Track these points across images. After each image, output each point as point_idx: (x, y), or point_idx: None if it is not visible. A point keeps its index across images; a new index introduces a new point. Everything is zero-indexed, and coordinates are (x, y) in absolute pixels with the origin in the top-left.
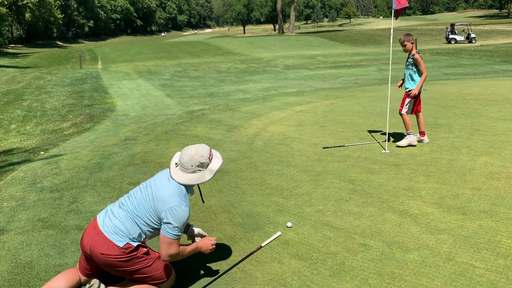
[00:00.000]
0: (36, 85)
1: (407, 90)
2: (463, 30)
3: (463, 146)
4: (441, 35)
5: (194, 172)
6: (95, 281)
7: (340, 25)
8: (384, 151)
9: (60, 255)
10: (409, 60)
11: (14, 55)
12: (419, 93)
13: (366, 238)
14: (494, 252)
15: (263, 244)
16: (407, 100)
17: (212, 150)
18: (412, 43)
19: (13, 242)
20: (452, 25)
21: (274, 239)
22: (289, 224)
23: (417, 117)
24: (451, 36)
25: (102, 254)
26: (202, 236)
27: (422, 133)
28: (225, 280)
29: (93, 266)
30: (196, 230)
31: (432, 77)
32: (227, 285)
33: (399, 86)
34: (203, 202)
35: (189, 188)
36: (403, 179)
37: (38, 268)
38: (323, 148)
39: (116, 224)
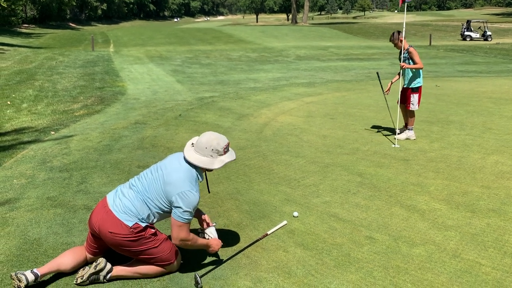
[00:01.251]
0: (48, 65)
1: (405, 86)
2: (479, 28)
3: (474, 144)
4: (456, 31)
5: (205, 155)
6: (101, 260)
7: (354, 18)
8: (394, 145)
9: (68, 234)
10: (404, 55)
11: (27, 35)
12: (421, 87)
13: (372, 231)
14: (501, 251)
15: (269, 232)
16: (413, 96)
17: (229, 147)
18: (401, 40)
19: (22, 219)
20: (468, 22)
21: (280, 227)
22: (295, 213)
23: (403, 109)
24: (466, 33)
25: (111, 232)
26: (207, 223)
27: (407, 125)
28: (230, 265)
29: (100, 245)
30: (209, 230)
31: (445, 74)
32: (232, 270)
33: (388, 90)
34: (209, 192)
35: (199, 173)
36: (412, 174)
37: (46, 245)
38: (377, 73)
39: (126, 204)
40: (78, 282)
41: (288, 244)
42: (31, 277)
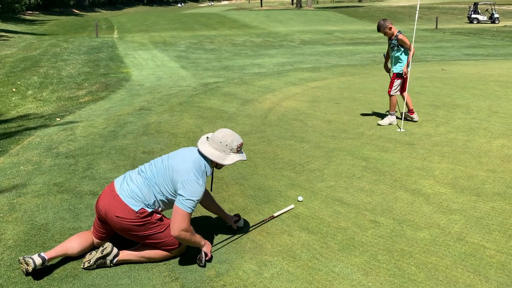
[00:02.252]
0: (53, 52)
1: (394, 72)
2: (487, 10)
3: (480, 127)
4: (463, 14)
5: (218, 150)
6: (108, 245)
7: (359, 1)
8: (399, 130)
9: (75, 219)
10: (393, 42)
11: (31, 21)
12: (406, 73)
13: (377, 215)
14: (506, 234)
15: (275, 214)
16: (397, 81)
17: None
18: (390, 28)
19: (29, 205)
20: (475, 4)
21: (287, 211)
22: (300, 198)
23: (403, 97)
24: (473, 16)
25: (117, 217)
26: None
27: (411, 111)
28: (235, 249)
29: (107, 229)
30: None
31: (452, 57)
32: (237, 254)
33: (389, 70)
34: (211, 190)
35: (208, 167)
36: (417, 159)
37: (53, 230)
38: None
39: (133, 189)
40: (85, 266)
41: (293, 228)
42: (38, 261)
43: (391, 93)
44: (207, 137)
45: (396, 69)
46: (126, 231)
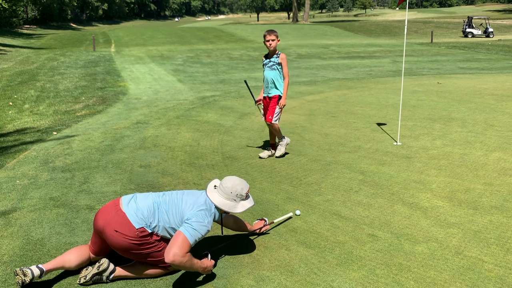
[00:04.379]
0: (50, 66)
1: (270, 95)
2: (481, 24)
3: (476, 141)
4: (458, 28)
5: (229, 199)
6: (104, 261)
7: (355, 15)
8: (395, 143)
9: (71, 234)
10: (272, 60)
11: (29, 35)
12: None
13: (374, 229)
14: (504, 248)
15: (275, 221)
16: (277, 109)
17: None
18: (279, 40)
19: (25, 219)
20: (470, 18)
21: (286, 219)
22: (297, 212)
23: (270, 126)
24: (468, 30)
25: (116, 231)
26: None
27: (273, 146)
28: (232, 264)
29: (104, 245)
30: None
31: (447, 71)
32: (234, 269)
33: (258, 101)
34: (222, 233)
35: (217, 213)
36: (414, 172)
37: (49, 245)
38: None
39: (140, 207)
40: (81, 282)
41: (291, 243)
42: (36, 272)
43: (272, 122)
44: (215, 186)
45: (272, 93)
46: (123, 248)
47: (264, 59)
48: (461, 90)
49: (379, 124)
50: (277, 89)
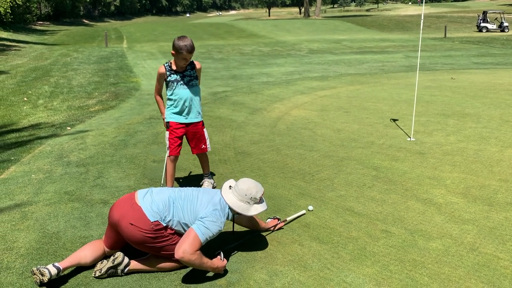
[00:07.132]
0: (63, 62)
1: (193, 121)
2: (496, 18)
3: (491, 136)
4: (472, 23)
5: (243, 201)
6: (119, 254)
7: (367, 10)
8: (409, 139)
9: (86, 227)
10: (187, 73)
11: (42, 32)
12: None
13: (388, 225)
14: None
15: (288, 219)
16: (206, 131)
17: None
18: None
19: (41, 213)
20: (484, 12)
21: (299, 216)
22: (310, 207)
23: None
24: (482, 24)
25: (131, 224)
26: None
27: (207, 175)
28: (246, 259)
29: (119, 239)
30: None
31: (461, 66)
32: (248, 263)
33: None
34: (233, 233)
35: (230, 213)
36: (428, 168)
37: (65, 238)
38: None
39: (155, 200)
40: (97, 275)
41: (304, 238)
42: (54, 271)
43: (207, 150)
44: (230, 186)
45: (198, 118)
46: (137, 241)
47: (167, 73)
48: (476, 85)
49: (392, 120)
50: (199, 112)
